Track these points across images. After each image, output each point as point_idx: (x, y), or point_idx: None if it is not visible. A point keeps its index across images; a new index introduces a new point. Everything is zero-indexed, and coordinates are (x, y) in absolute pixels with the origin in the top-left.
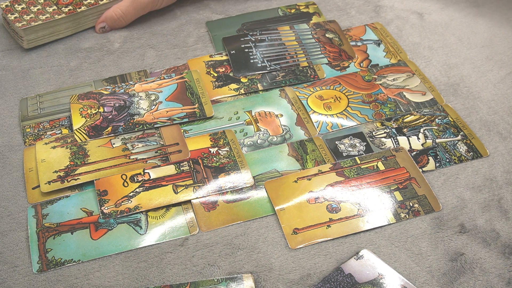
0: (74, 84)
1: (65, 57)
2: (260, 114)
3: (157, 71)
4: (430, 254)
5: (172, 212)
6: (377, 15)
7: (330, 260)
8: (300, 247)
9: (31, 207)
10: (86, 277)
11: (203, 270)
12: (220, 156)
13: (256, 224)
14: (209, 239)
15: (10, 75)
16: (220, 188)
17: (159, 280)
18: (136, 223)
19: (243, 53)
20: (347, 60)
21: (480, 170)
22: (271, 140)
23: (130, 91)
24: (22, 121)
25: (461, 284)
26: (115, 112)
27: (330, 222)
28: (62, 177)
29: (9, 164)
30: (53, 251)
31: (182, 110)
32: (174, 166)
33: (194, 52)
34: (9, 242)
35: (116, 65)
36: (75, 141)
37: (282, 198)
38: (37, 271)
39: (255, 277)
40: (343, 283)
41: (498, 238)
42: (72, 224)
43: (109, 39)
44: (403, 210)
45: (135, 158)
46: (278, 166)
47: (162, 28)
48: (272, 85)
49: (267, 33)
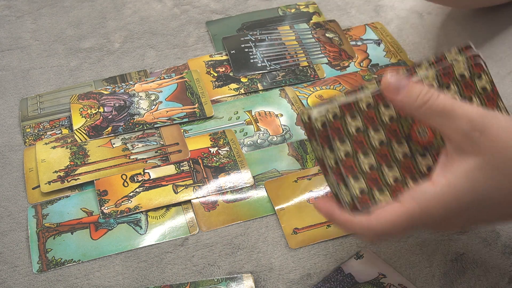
0: (74, 84)
1: (65, 57)
2: (260, 114)
3: (157, 71)
4: (430, 254)
5: (172, 212)
6: (377, 15)
7: (330, 260)
8: (300, 247)
9: (31, 207)
10: (86, 277)
11: (203, 270)
12: (220, 156)
13: (256, 224)
14: (209, 239)
15: (10, 75)
16: (220, 188)
17: (159, 280)
18: (136, 223)
19: (243, 53)
20: (347, 60)
21: None
22: (271, 140)
23: (130, 91)
24: (22, 121)
25: (462, 284)
26: (115, 112)
27: (330, 222)
28: (62, 177)
29: (9, 164)
30: (53, 251)
31: (182, 110)
32: (174, 166)
33: (194, 52)
34: (9, 242)
35: (116, 65)
36: (75, 141)
37: (282, 198)
38: (37, 271)
39: (255, 277)
40: (343, 283)
41: (498, 238)
42: (72, 224)
43: (109, 39)
44: None
45: (135, 158)
46: (278, 166)
47: (162, 28)
48: (272, 85)
49: (267, 32)
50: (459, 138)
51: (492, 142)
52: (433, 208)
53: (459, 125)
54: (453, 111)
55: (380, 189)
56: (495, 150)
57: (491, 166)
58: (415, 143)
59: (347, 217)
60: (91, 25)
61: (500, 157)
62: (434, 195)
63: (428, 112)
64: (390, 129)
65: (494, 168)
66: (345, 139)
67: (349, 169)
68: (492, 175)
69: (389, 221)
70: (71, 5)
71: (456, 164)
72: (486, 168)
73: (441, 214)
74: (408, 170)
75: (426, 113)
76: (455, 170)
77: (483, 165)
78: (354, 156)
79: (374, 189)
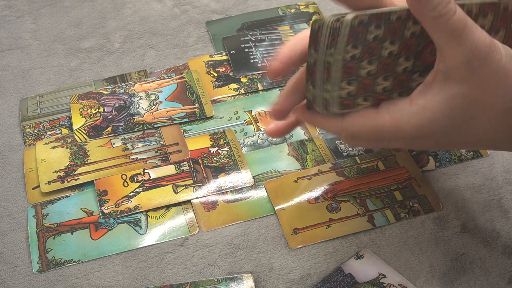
0: (74, 84)
1: (65, 57)
2: (260, 114)
3: (157, 71)
4: (430, 254)
5: (172, 212)
6: None
7: (330, 260)
8: (300, 247)
9: (31, 207)
10: (86, 277)
11: (203, 270)
12: (220, 156)
13: (256, 224)
14: (209, 239)
15: (10, 75)
16: (220, 188)
17: (159, 280)
18: (136, 223)
19: (243, 53)
20: None
21: (480, 170)
22: (271, 140)
23: (130, 91)
24: (22, 121)
25: (462, 284)
26: (115, 112)
27: (330, 222)
28: (62, 177)
29: (9, 164)
30: (53, 251)
31: (182, 110)
32: (174, 166)
33: (194, 52)
34: (9, 242)
35: (116, 65)
36: (75, 141)
37: (282, 198)
38: (37, 271)
39: (255, 277)
40: (343, 283)
41: (498, 238)
42: (72, 224)
43: (109, 39)
44: (403, 210)
45: (135, 158)
46: (278, 166)
47: (162, 28)
48: (272, 85)
49: (267, 33)
50: (455, 63)
51: (487, 75)
52: (404, 125)
53: (461, 50)
54: (462, 35)
55: (365, 97)
56: (486, 85)
57: (475, 97)
58: (421, 61)
59: (324, 118)
60: (91, 25)
61: (489, 92)
62: (408, 114)
63: (438, 26)
64: (406, 43)
65: (478, 100)
66: (358, 45)
67: (347, 70)
68: (473, 105)
69: (359, 124)
70: (71, 5)
71: (439, 87)
72: (469, 97)
73: (411, 132)
74: (400, 84)
75: (436, 26)
76: (436, 93)
77: (467, 94)
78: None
79: (360, 94)
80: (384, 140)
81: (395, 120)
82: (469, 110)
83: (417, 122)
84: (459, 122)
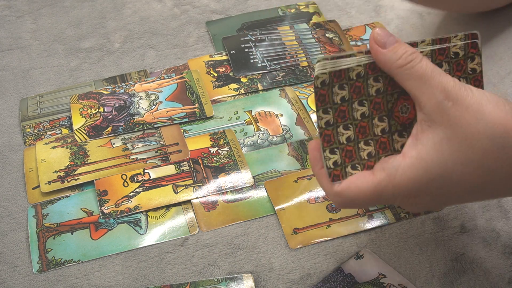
0: (74, 84)
1: (65, 57)
2: (260, 114)
3: (157, 71)
4: (430, 254)
5: (172, 212)
6: (377, 15)
7: (330, 260)
8: (300, 247)
9: (31, 207)
10: (86, 277)
11: (203, 270)
12: (220, 156)
13: (256, 224)
14: (209, 239)
15: (10, 75)
16: (220, 188)
17: (159, 280)
18: (136, 223)
19: (243, 53)
20: None
21: None
22: (271, 140)
23: (130, 91)
24: (22, 121)
25: (462, 284)
26: (115, 112)
27: (330, 222)
28: (62, 177)
29: (9, 164)
30: (53, 251)
31: (182, 110)
32: (174, 166)
33: (194, 52)
34: (9, 242)
35: (116, 65)
36: (75, 141)
37: (282, 198)
38: (37, 271)
39: (255, 277)
40: (343, 283)
41: (498, 238)
42: (72, 224)
43: (109, 39)
44: (403, 210)
45: (135, 158)
46: (278, 166)
47: (162, 28)
48: (272, 85)
49: (267, 33)
50: (431, 106)
51: (462, 113)
52: (401, 179)
53: (433, 92)
54: (431, 78)
55: (353, 165)
56: (465, 122)
57: (460, 138)
58: (395, 120)
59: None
60: (91, 25)
61: (469, 129)
62: (403, 167)
63: (407, 73)
64: (375, 102)
65: (462, 140)
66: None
67: (326, 138)
68: (460, 147)
69: (357, 189)
70: (71, 5)
71: (426, 136)
72: (454, 139)
73: (409, 186)
74: (383, 146)
75: (405, 74)
76: (425, 142)
77: (451, 136)
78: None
79: (347, 163)
80: (381, 200)
81: (391, 176)
82: (457, 153)
83: (413, 174)
84: (452, 168)
